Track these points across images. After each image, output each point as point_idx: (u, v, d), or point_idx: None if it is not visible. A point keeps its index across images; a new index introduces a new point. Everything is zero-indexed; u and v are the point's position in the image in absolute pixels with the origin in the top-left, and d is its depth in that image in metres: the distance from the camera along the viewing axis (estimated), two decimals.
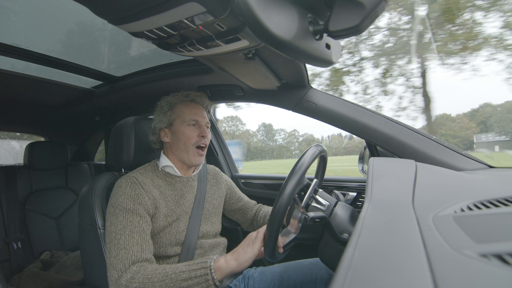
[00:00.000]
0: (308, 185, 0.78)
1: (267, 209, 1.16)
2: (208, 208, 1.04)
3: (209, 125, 1.02)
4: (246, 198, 1.21)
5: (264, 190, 1.49)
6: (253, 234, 0.80)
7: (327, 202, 0.76)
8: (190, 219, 0.96)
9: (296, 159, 0.73)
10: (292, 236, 0.82)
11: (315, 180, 0.78)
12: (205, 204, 1.03)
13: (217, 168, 1.21)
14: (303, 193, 0.77)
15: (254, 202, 1.21)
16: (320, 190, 0.86)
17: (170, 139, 0.98)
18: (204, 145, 0.98)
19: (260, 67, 0.87)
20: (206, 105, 1.05)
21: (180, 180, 1.00)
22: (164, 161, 0.98)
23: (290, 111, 1.16)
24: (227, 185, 1.18)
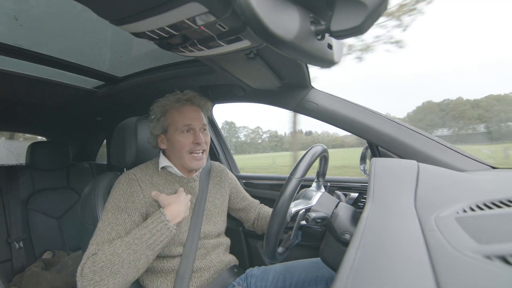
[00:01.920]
0: (296, 214, 0.76)
1: (267, 208, 1.17)
2: (210, 208, 1.03)
3: (206, 127, 0.99)
4: (250, 197, 1.21)
5: (266, 190, 1.49)
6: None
7: (322, 213, 0.74)
8: (191, 219, 0.96)
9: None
10: (294, 242, 0.82)
11: (300, 212, 0.76)
12: (207, 204, 1.03)
13: (222, 166, 1.20)
14: (291, 221, 0.76)
15: (257, 201, 1.22)
16: (322, 191, 0.86)
17: (166, 145, 0.97)
18: (199, 151, 0.95)
19: (261, 67, 0.87)
20: (202, 105, 1.01)
21: (180, 180, 0.99)
22: (164, 161, 0.98)
23: (291, 111, 1.15)
24: (231, 184, 1.18)
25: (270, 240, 0.70)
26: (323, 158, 0.90)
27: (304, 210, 0.77)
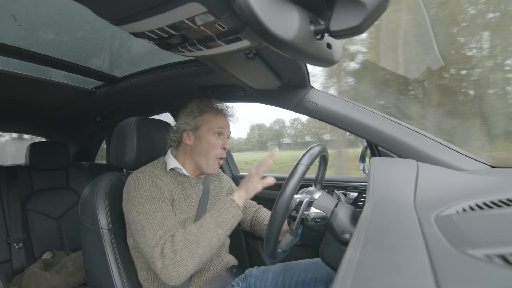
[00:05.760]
0: (300, 204, 0.76)
1: (264, 212, 1.17)
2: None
3: (229, 136, 1.06)
4: None
5: (265, 190, 1.49)
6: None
7: (322, 213, 0.74)
8: (195, 220, 0.97)
9: None
10: (293, 241, 0.82)
11: (305, 200, 0.76)
12: (209, 205, 1.03)
13: (218, 169, 1.22)
14: (295, 212, 0.76)
15: (253, 202, 1.21)
16: (322, 190, 0.86)
17: (192, 142, 1.00)
18: (223, 158, 1.02)
19: (261, 67, 0.87)
20: (230, 115, 1.08)
21: (189, 180, 1.01)
22: (172, 162, 0.99)
23: (291, 111, 1.16)
24: (228, 184, 1.19)
25: (270, 239, 0.69)
26: (323, 160, 0.90)
27: (308, 201, 0.77)
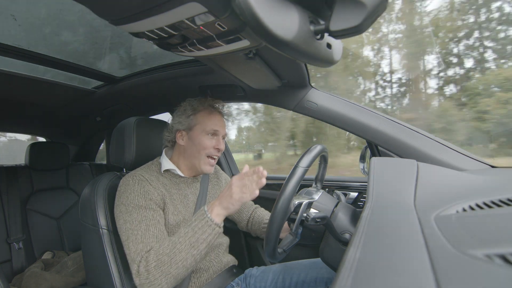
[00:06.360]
0: (299, 206, 0.76)
1: (261, 211, 1.16)
2: None
3: (225, 136, 1.03)
4: None
5: (265, 190, 1.49)
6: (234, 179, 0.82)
7: (321, 214, 0.74)
8: None
9: None
10: (293, 241, 0.82)
11: (304, 202, 0.76)
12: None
13: (217, 166, 1.21)
14: (294, 213, 0.75)
15: (251, 202, 1.21)
16: (322, 190, 0.86)
17: (185, 142, 0.98)
18: (216, 157, 0.98)
19: (260, 67, 0.87)
20: (228, 116, 1.05)
21: (185, 181, 1.00)
22: (167, 164, 0.98)
23: (291, 111, 1.16)
24: (226, 183, 1.18)
25: (270, 239, 0.69)
26: (323, 159, 0.90)
27: (307, 202, 0.77)
